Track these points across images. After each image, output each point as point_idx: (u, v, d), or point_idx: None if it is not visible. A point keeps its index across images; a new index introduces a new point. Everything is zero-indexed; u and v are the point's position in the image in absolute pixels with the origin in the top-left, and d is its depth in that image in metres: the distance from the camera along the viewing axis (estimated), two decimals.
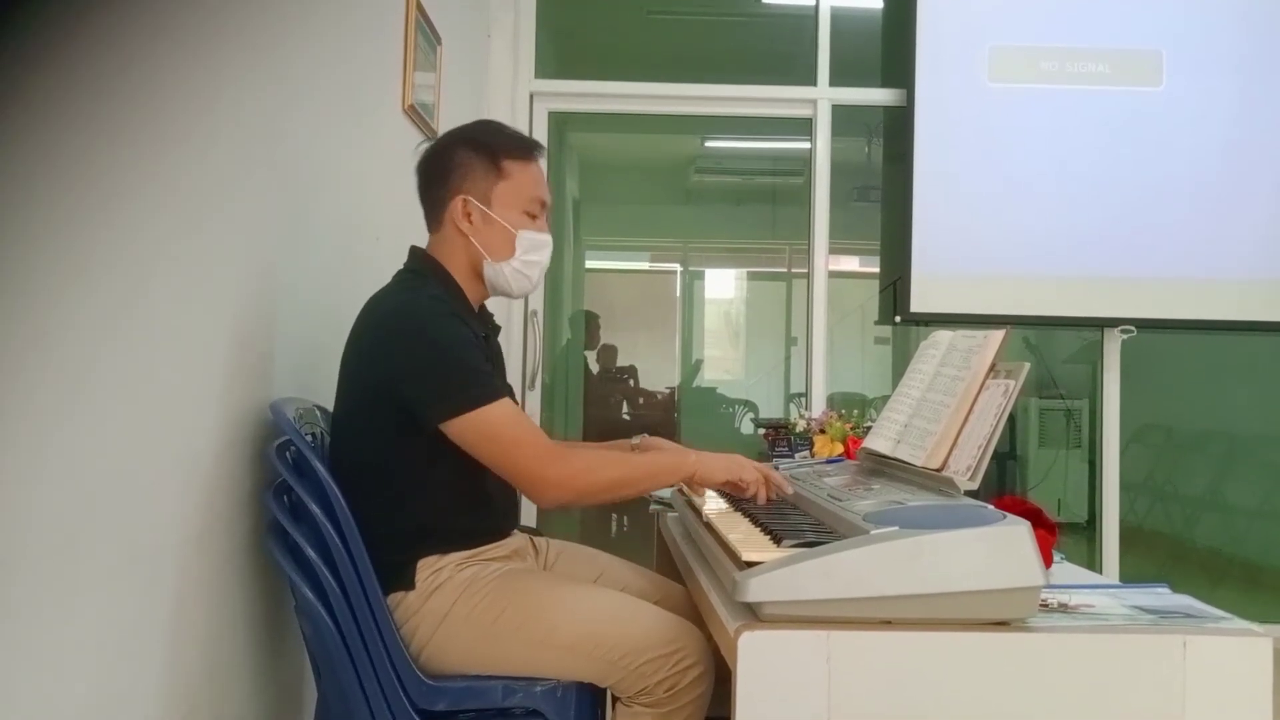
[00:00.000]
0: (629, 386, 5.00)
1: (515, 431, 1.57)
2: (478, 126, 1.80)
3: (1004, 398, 1.51)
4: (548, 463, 1.56)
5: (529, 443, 1.57)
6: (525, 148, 1.74)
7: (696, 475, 1.69)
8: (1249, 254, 3.66)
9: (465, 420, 1.55)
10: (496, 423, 1.56)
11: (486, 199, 1.71)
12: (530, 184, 1.73)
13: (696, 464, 1.68)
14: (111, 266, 1.22)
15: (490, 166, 1.70)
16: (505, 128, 1.79)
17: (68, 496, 1.14)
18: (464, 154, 1.71)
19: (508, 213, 1.71)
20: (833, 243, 3.92)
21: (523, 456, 1.56)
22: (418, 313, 1.61)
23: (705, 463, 1.69)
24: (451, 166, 1.72)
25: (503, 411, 1.57)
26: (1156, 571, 4.38)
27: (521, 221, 1.72)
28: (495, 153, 1.71)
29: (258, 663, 1.71)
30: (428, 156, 1.76)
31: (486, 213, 1.70)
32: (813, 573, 1.22)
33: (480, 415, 1.55)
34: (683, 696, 1.55)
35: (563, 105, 4.01)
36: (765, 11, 4.69)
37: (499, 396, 1.57)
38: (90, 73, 1.15)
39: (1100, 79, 3.68)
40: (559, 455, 1.59)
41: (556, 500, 1.62)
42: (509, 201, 1.71)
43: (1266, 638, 1.25)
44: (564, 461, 1.58)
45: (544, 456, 1.57)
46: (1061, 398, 4.76)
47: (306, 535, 1.54)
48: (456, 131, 1.78)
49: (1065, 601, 1.36)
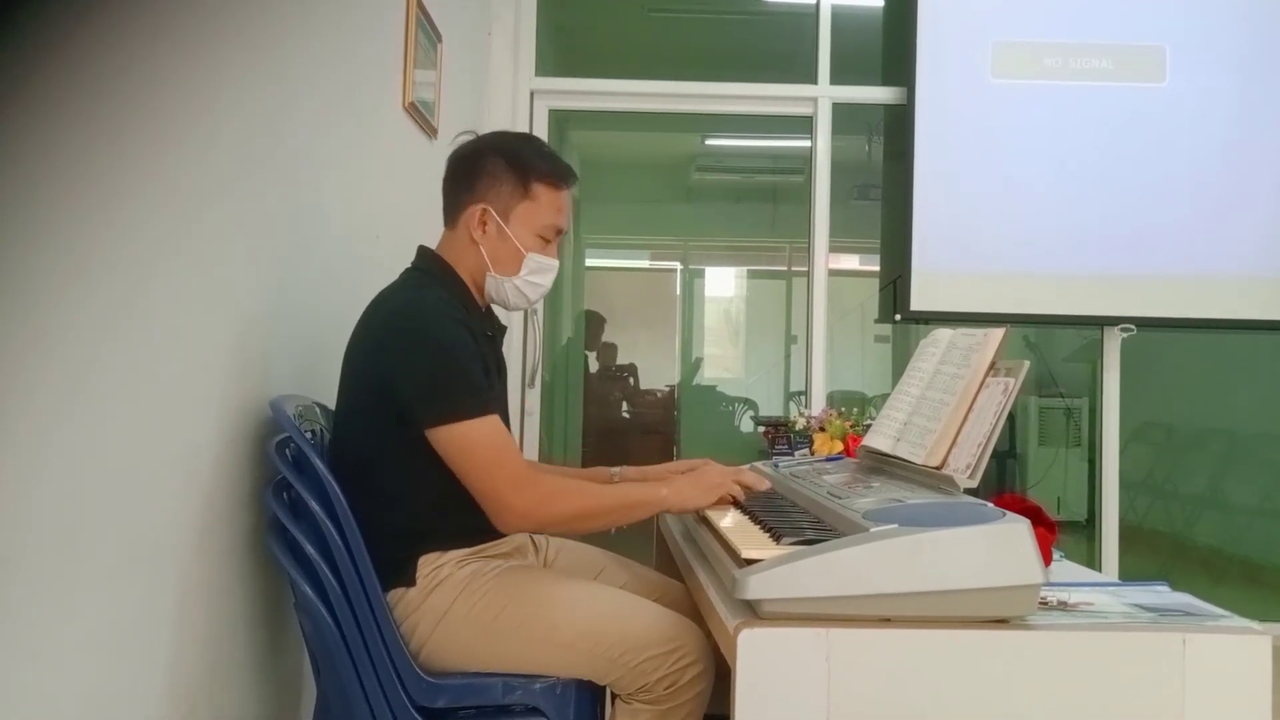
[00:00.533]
0: (629, 385, 5.01)
1: (492, 452, 1.57)
2: (519, 141, 1.79)
3: (1004, 396, 1.51)
4: (516, 489, 1.56)
5: (502, 466, 1.57)
6: (558, 176, 1.73)
7: (672, 508, 1.67)
8: (1249, 252, 3.66)
9: (447, 430, 1.55)
10: (476, 439, 1.56)
11: (506, 214, 1.71)
12: (552, 211, 1.73)
13: (669, 496, 1.65)
14: (112, 265, 1.22)
15: (518, 185, 1.70)
16: (545, 149, 1.79)
17: (68, 494, 1.14)
18: (497, 165, 1.71)
19: (522, 232, 1.71)
20: (833, 241, 3.92)
21: (493, 479, 1.56)
22: (422, 313, 1.62)
23: (680, 494, 1.65)
24: (481, 173, 1.72)
25: (485, 429, 1.57)
26: (1156, 570, 4.38)
27: (533, 243, 1.72)
28: (528, 173, 1.71)
29: (258, 660, 1.72)
30: (462, 154, 1.76)
31: (502, 227, 1.71)
32: (812, 570, 1.22)
33: (462, 428, 1.55)
34: (682, 694, 1.55)
35: (563, 103, 4.01)
36: (766, 9, 4.69)
37: (486, 412, 1.57)
38: (90, 71, 1.15)
39: (1103, 75, 3.68)
40: (528, 483, 1.58)
41: (517, 528, 1.64)
42: (527, 222, 1.71)
43: (1266, 636, 1.25)
44: (531, 490, 1.58)
45: (514, 483, 1.57)
46: (1061, 396, 4.76)
47: (306, 532, 1.54)
48: (497, 139, 1.78)
49: (1065, 599, 1.36)
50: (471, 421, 1.56)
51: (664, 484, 1.68)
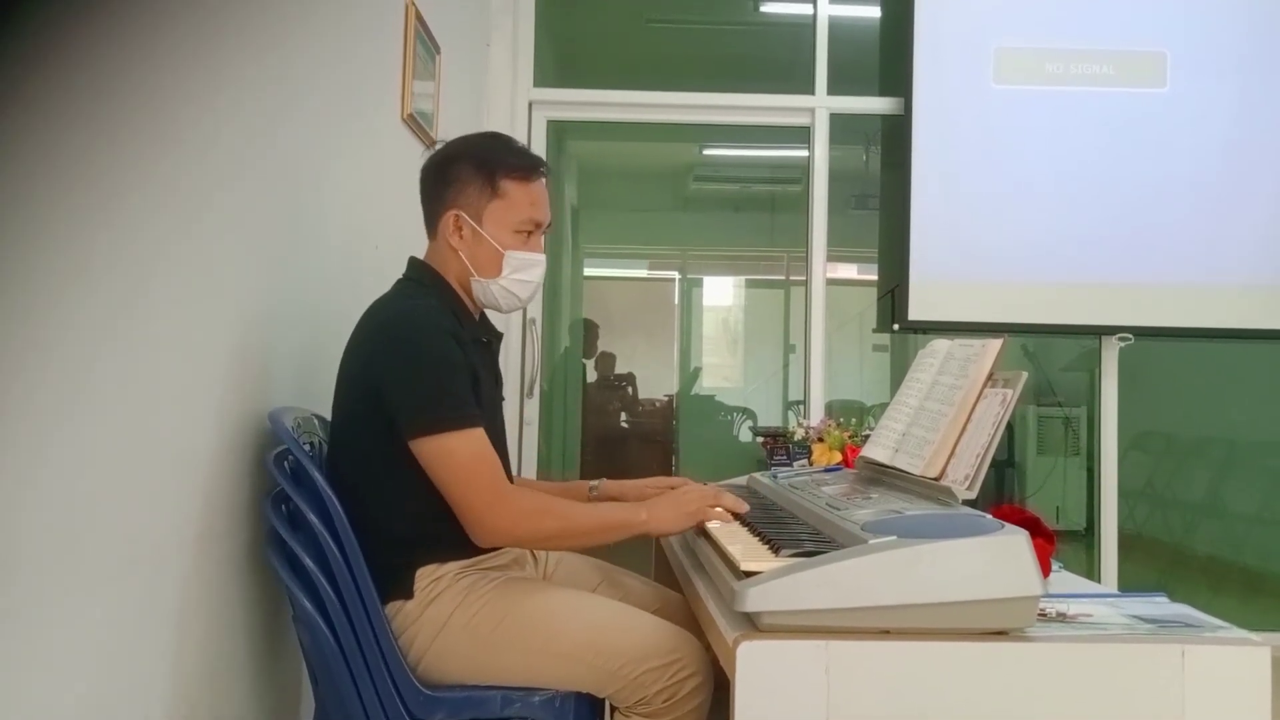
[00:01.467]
0: (627, 394, 5.00)
1: (473, 465, 1.56)
2: (483, 141, 1.79)
3: (1002, 406, 1.51)
4: (492, 506, 1.56)
5: (482, 479, 1.56)
6: (525, 167, 1.72)
7: (650, 531, 1.65)
8: (1247, 260, 3.66)
9: (429, 441, 1.55)
10: (457, 452, 1.56)
11: (479, 216, 1.70)
12: (525, 204, 1.71)
13: (648, 521, 1.63)
14: (111, 276, 1.22)
15: (486, 184, 1.70)
16: (511, 143, 1.77)
17: (67, 503, 1.14)
18: (462, 169, 1.71)
19: (498, 231, 1.70)
20: (831, 250, 3.92)
21: (471, 493, 1.56)
22: (413, 323, 1.62)
23: (656, 517, 1.64)
24: (449, 181, 1.71)
25: (466, 442, 1.56)
26: (1156, 579, 4.38)
27: (511, 241, 1.71)
28: (494, 171, 1.70)
29: (256, 671, 1.71)
30: (429, 166, 1.76)
31: (477, 230, 1.70)
32: (811, 582, 1.22)
33: (441, 440, 1.55)
34: (681, 706, 1.55)
35: (562, 114, 4.02)
36: (763, 20, 4.70)
37: (469, 425, 1.57)
38: (91, 82, 1.15)
39: (1105, 80, 3.67)
40: (505, 499, 1.58)
41: (492, 544, 1.64)
42: (500, 221, 1.70)
43: (1265, 647, 1.24)
44: (506, 506, 1.57)
45: (491, 499, 1.56)
46: (1060, 405, 4.76)
47: (304, 544, 1.54)
48: (461, 143, 1.77)
49: (1063, 611, 1.36)
50: (452, 434, 1.55)
51: (643, 507, 1.66)
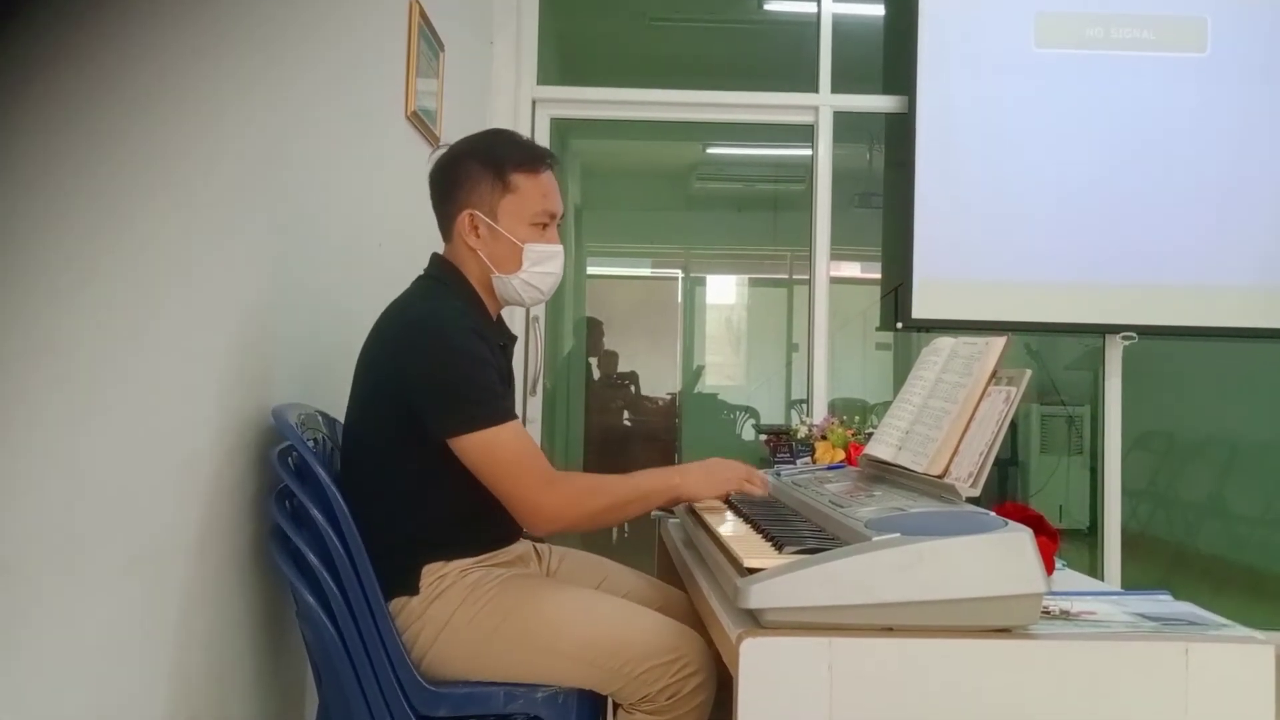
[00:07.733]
0: (630, 393, 5.00)
1: (519, 456, 1.57)
2: (487, 138, 1.79)
3: (1005, 405, 1.51)
4: (544, 491, 1.57)
5: (530, 469, 1.58)
6: (533, 159, 1.72)
7: (683, 495, 1.69)
8: (1252, 260, 3.65)
9: (473, 439, 1.55)
10: (502, 445, 1.56)
11: (493, 213, 1.70)
12: (538, 196, 1.72)
13: (680, 485, 1.67)
14: (116, 272, 1.22)
15: (496, 180, 1.70)
16: (516, 138, 1.78)
17: (72, 501, 1.14)
18: (471, 168, 1.71)
19: (514, 226, 1.71)
20: (834, 249, 3.92)
21: (521, 483, 1.57)
22: (442, 323, 1.62)
23: (690, 481, 1.68)
24: (459, 181, 1.71)
25: (509, 435, 1.57)
26: (1159, 578, 4.37)
27: (529, 234, 1.71)
28: (502, 166, 1.70)
29: (259, 668, 1.71)
30: (437, 169, 1.76)
31: (493, 227, 1.70)
32: (814, 579, 1.22)
33: (487, 435, 1.56)
34: (684, 704, 1.55)
35: (565, 112, 4.02)
36: (767, 18, 4.70)
37: (508, 419, 1.58)
38: (98, 80, 1.15)
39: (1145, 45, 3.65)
40: (558, 486, 1.59)
41: (548, 530, 1.65)
42: (516, 215, 1.70)
43: (1268, 645, 1.24)
44: (558, 491, 1.59)
45: (542, 486, 1.58)
46: (1063, 404, 4.75)
47: (308, 541, 1.54)
48: (466, 143, 1.77)
49: (1067, 609, 1.36)
50: (496, 428, 1.56)
51: (675, 471, 1.70)
